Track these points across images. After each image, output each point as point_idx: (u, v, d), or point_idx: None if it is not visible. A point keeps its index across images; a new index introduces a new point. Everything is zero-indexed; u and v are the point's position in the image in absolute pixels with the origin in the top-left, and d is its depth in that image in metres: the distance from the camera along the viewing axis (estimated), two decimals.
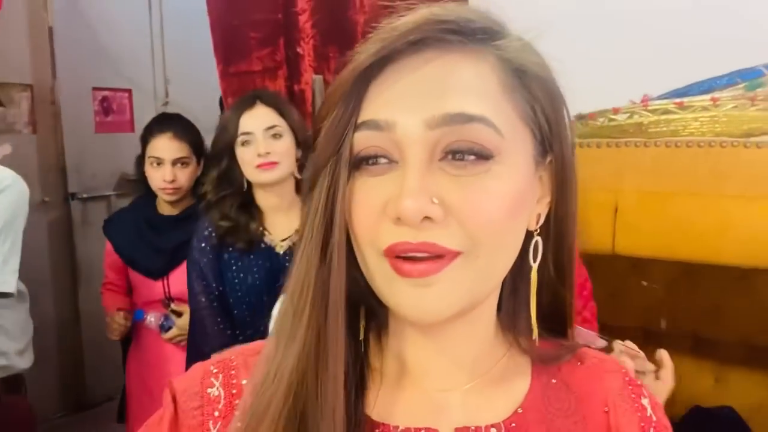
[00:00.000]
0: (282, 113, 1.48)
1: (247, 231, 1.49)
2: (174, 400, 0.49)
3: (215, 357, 0.52)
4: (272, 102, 1.50)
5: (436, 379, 0.49)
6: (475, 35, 0.44)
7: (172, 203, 1.79)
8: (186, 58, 3.24)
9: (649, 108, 1.26)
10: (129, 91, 3.31)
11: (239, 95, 1.92)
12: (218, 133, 1.53)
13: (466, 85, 0.43)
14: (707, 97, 1.22)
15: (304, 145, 1.49)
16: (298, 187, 1.52)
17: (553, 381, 0.52)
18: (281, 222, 1.52)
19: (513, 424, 0.48)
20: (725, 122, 1.25)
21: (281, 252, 1.49)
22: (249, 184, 1.51)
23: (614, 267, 1.99)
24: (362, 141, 0.44)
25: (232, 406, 0.48)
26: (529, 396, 0.50)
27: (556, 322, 0.53)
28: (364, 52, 0.43)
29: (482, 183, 0.42)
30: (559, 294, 0.52)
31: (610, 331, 2.12)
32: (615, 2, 1.69)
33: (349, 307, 0.46)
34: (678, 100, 1.24)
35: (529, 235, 0.48)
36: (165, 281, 1.79)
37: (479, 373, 0.50)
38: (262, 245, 1.50)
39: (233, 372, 0.50)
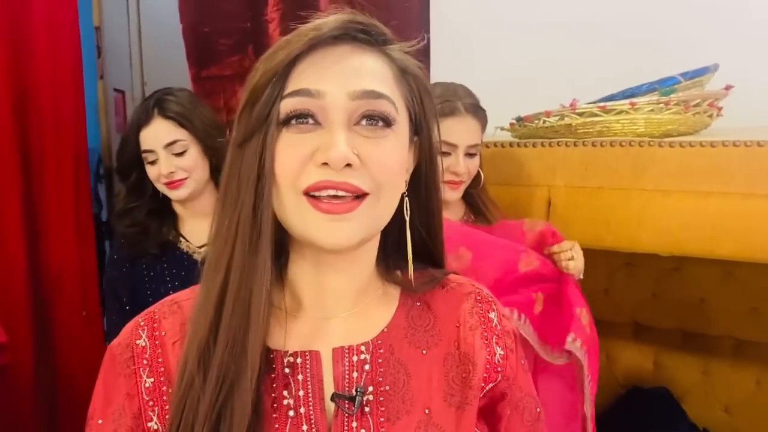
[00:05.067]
0: (182, 123, 1.36)
1: (159, 236, 1.41)
2: (112, 355, 0.60)
3: (144, 311, 0.63)
4: (171, 112, 1.36)
5: (322, 309, 0.62)
6: (376, 38, 0.58)
7: None
8: (163, 60, 3.32)
9: (577, 111, 1.39)
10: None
11: (210, 99, 2.03)
12: (120, 148, 1.44)
13: (375, 72, 0.57)
14: (627, 101, 1.36)
15: (213, 148, 1.40)
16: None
17: (417, 304, 0.65)
18: (201, 228, 1.41)
19: (379, 341, 0.61)
20: (644, 124, 1.39)
21: (199, 259, 1.38)
22: None
23: None
24: (293, 105, 0.56)
25: (156, 355, 0.59)
26: (394, 318, 0.63)
27: (432, 262, 0.69)
28: (297, 41, 0.56)
29: (385, 143, 0.57)
30: (432, 250, 0.67)
31: None
32: (553, 22, 1.86)
33: None
34: (602, 104, 1.38)
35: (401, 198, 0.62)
36: None
37: (357, 303, 0.63)
38: (177, 252, 1.42)
39: (155, 324, 0.61)
